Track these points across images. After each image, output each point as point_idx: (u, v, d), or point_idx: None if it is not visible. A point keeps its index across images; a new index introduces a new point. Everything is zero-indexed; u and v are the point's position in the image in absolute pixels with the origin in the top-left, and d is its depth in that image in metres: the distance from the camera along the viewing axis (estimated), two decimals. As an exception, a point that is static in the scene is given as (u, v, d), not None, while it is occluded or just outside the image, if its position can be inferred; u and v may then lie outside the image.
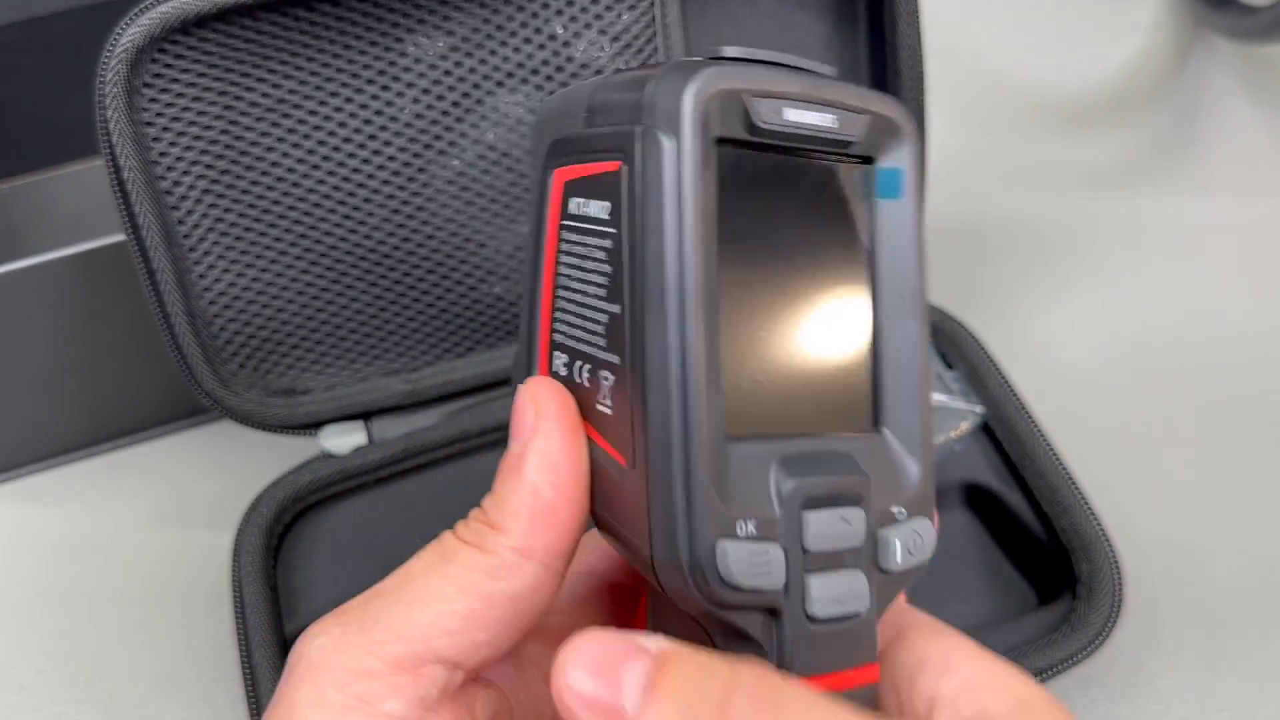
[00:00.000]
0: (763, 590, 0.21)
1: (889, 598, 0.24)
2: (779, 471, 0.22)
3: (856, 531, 0.23)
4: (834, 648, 0.22)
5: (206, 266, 0.41)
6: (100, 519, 0.48)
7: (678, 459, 0.21)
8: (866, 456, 0.24)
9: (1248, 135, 0.65)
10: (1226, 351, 0.55)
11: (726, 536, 0.21)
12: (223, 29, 0.38)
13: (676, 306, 0.21)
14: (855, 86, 0.25)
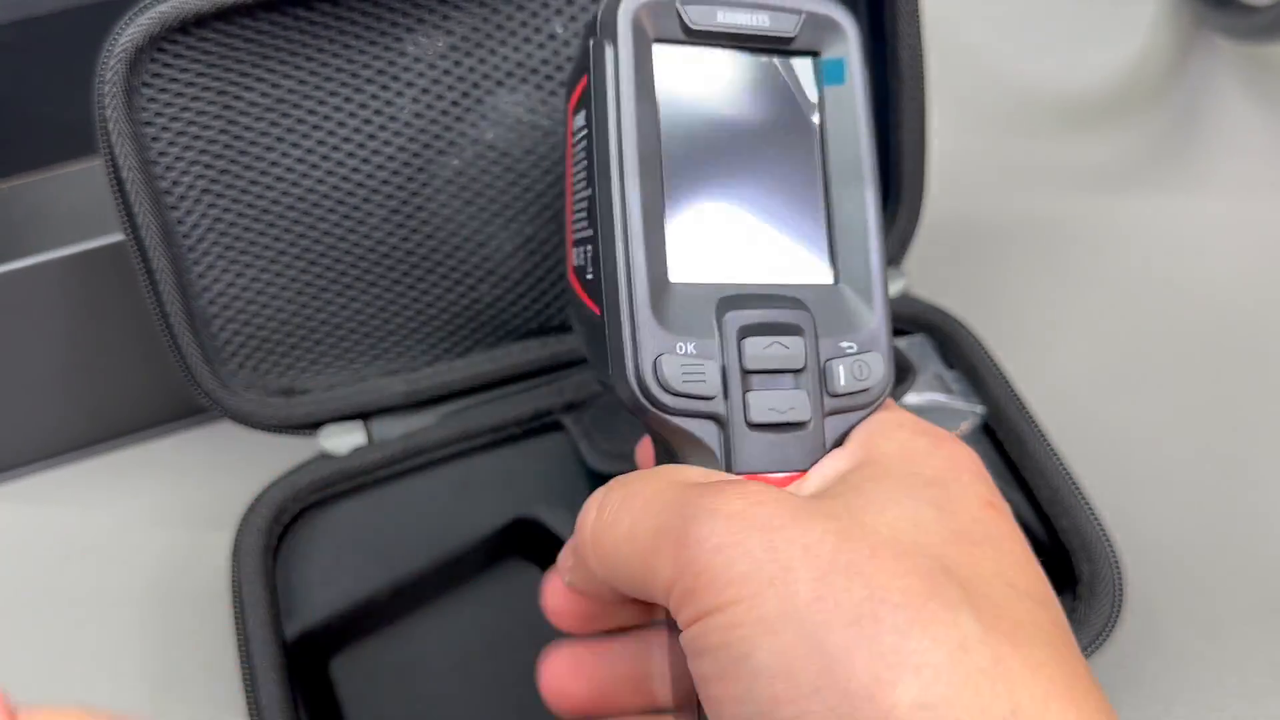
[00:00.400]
0: (699, 396, 0.26)
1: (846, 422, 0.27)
2: (722, 306, 0.27)
3: (794, 355, 0.27)
4: (774, 452, 0.26)
5: (205, 266, 0.41)
6: (99, 519, 0.48)
7: (624, 296, 0.27)
8: (819, 303, 0.28)
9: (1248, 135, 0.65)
10: (1227, 351, 0.55)
11: (666, 353, 0.26)
12: (222, 28, 0.38)
13: (617, 172, 0.27)
14: None
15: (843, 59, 0.29)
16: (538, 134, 0.42)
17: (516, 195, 0.43)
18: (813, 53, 0.30)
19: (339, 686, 0.41)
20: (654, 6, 0.28)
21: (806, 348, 0.27)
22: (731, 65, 0.29)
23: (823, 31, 0.29)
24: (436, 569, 0.42)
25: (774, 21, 0.29)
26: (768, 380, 0.26)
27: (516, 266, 0.44)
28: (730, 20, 0.28)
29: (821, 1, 0.30)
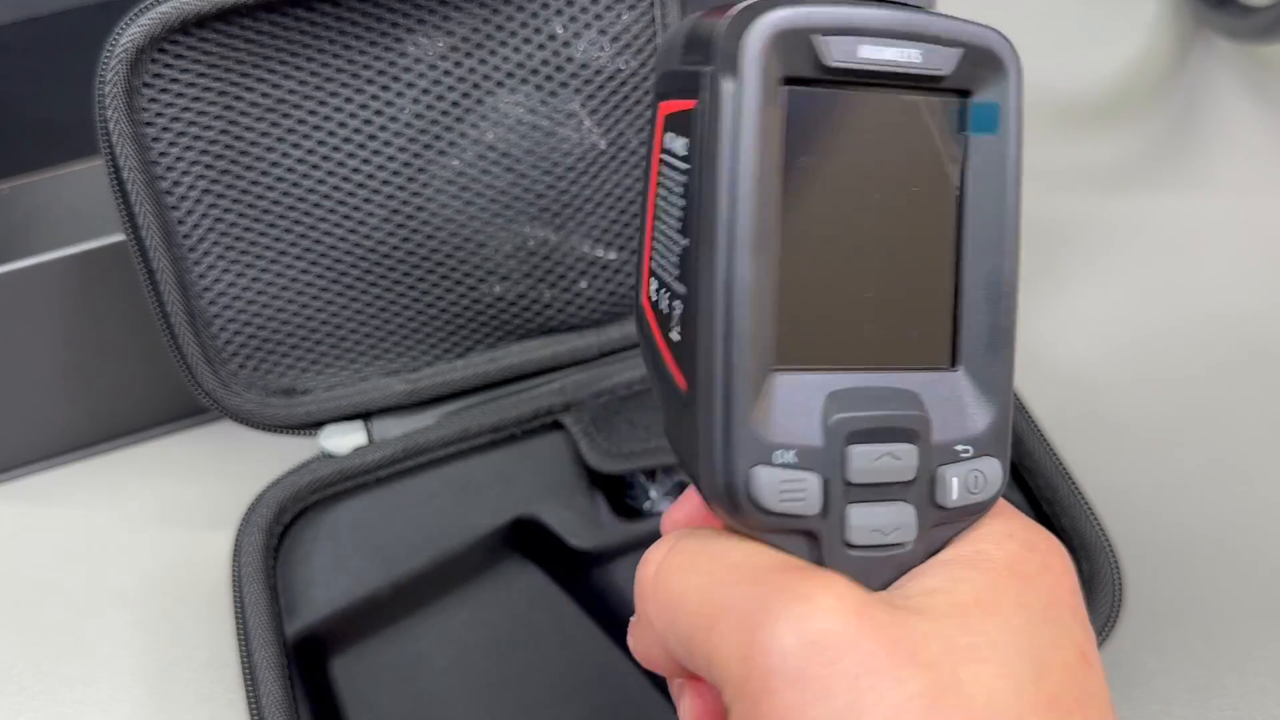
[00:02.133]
0: (796, 515, 0.23)
1: (949, 533, 0.24)
2: (829, 404, 0.23)
3: (905, 466, 0.23)
4: (873, 573, 0.23)
5: (206, 267, 0.41)
6: (100, 519, 0.48)
7: (719, 387, 0.23)
8: (935, 394, 0.24)
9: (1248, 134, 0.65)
10: (1227, 351, 0.55)
11: (762, 463, 0.22)
12: (223, 29, 0.38)
13: (725, 242, 0.22)
14: (949, 18, 0.24)
15: (998, 104, 0.25)
16: (538, 134, 0.42)
17: (517, 196, 0.43)
18: (963, 92, 0.25)
19: (339, 685, 0.41)
20: (786, 37, 0.23)
21: (920, 456, 0.23)
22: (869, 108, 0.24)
23: (979, 68, 0.24)
24: (437, 568, 0.42)
25: (927, 58, 0.24)
26: (871, 493, 0.23)
27: (516, 267, 0.44)
28: (876, 56, 0.23)
29: (984, 31, 0.25)
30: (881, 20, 0.23)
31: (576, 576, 0.43)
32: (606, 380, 0.45)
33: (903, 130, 0.24)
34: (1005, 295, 0.25)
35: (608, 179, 0.44)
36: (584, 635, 0.42)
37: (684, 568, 0.24)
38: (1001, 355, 0.25)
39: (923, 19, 0.24)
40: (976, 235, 0.25)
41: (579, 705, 0.41)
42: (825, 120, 0.24)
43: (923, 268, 0.25)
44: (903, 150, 0.24)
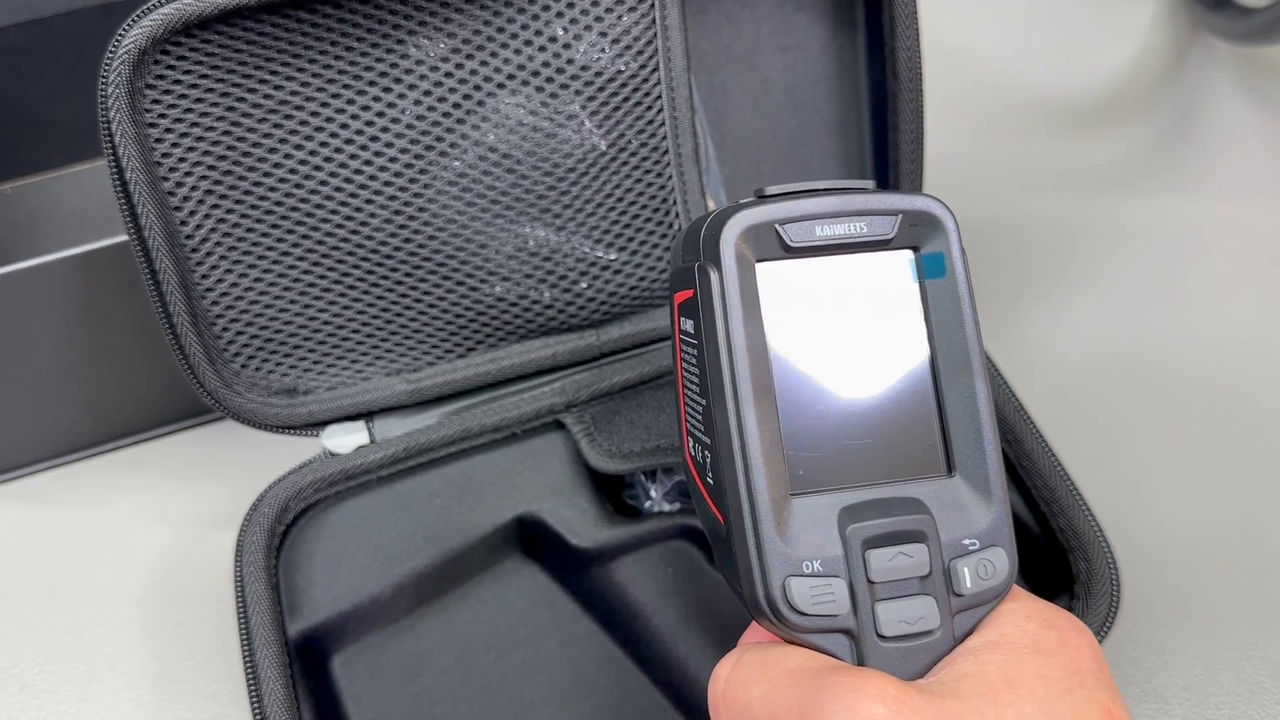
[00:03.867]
0: (829, 615, 0.26)
1: (971, 619, 0.27)
2: (843, 518, 0.27)
3: (919, 563, 0.27)
4: (908, 661, 0.26)
5: (209, 267, 0.41)
6: (103, 518, 0.48)
7: (747, 516, 0.27)
8: (938, 498, 0.28)
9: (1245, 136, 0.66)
10: (1225, 351, 0.55)
11: (794, 574, 0.27)
12: (225, 30, 0.38)
13: (731, 396, 0.27)
14: (890, 193, 0.29)
15: (942, 253, 0.29)
16: (539, 136, 0.42)
17: (518, 197, 0.43)
18: (912, 248, 0.30)
19: (341, 684, 0.41)
20: (755, 230, 0.28)
21: (931, 553, 0.27)
22: (833, 271, 0.29)
23: (920, 228, 0.29)
24: (438, 567, 0.42)
25: (871, 227, 0.29)
26: (894, 588, 0.27)
27: (517, 267, 0.44)
28: (829, 233, 0.29)
29: (917, 198, 0.30)
30: (829, 206, 0.29)
31: (577, 575, 0.43)
32: (606, 380, 0.46)
33: (869, 283, 0.29)
34: (983, 408, 0.29)
35: (608, 180, 0.44)
36: (585, 634, 0.43)
37: (747, 680, 0.27)
38: (990, 458, 0.28)
39: (864, 198, 0.29)
40: (947, 362, 0.29)
41: (579, 704, 0.41)
42: (800, 285, 0.29)
43: (907, 392, 0.29)
44: (872, 300, 0.29)
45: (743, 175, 0.49)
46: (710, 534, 0.31)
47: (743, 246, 0.28)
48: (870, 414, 0.29)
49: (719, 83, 0.48)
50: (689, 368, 0.30)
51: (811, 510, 0.28)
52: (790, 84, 0.49)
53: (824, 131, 0.50)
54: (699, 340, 0.29)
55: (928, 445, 0.29)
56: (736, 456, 0.27)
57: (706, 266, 0.28)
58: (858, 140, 0.49)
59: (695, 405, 0.30)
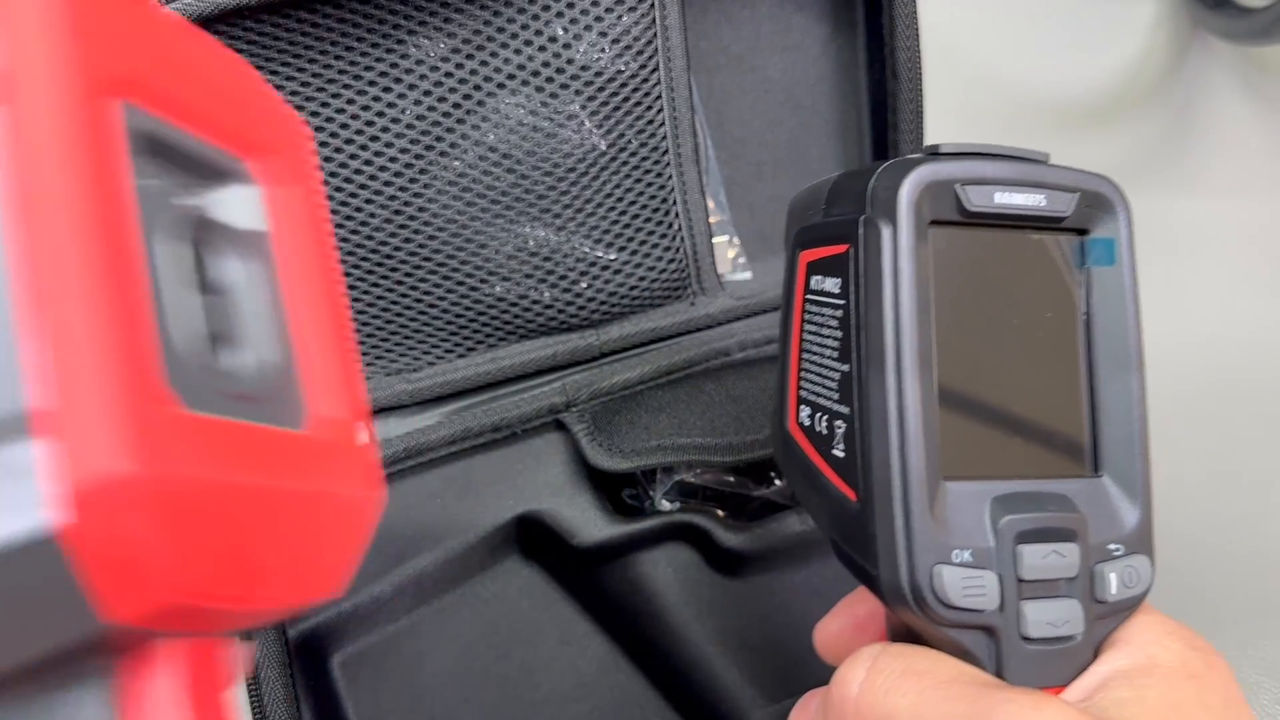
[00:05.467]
0: (977, 610, 0.25)
1: (1108, 627, 0.26)
2: (995, 508, 0.26)
3: (1070, 564, 0.25)
4: (1048, 666, 0.25)
5: (209, 267, 0.41)
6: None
7: (898, 495, 0.25)
8: (1085, 498, 0.27)
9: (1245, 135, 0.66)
10: (1225, 350, 0.55)
11: (943, 562, 0.25)
12: (225, 31, 0.38)
13: (894, 365, 0.25)
14: (1067, 168, 0.28)
15: (1113, 239, 0.28)
16: (539, 136, 0.42)
17: (518, 197, 0.43)
18: (1080, 231, 0.28)
19: (341, 684, 0.41)
20: (934, 188, 0.26)
21: (1080, 554, 0.26)
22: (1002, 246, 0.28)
23: (1093, 209, 0.28)
24: (438, 567, 0.42)
25: (1050, 202, 0.27)
26: (1041, 589, 0.25)
27: (517, 267, 0.44)
28: (1007, 201, 0.27)
29: (1096, 178, 0.28)
30: (1013, 172, 0.27)
31: (577, 575, 0.43)
32: (606, 380, 0.46)
33: (1035, 264, 0.28)
34: (1138, 408, 0.27)
35: (608, 180, 0.44)
36: (585, 634, 0.43)
37: (890, 688, 0.25)
38: (1141, 462, 0.27)
39: (1045, 170, 0.27)
40: (1106, 356, 0.28)
41: (579, 704, 0.41)
42: (967, 255, 0.27)
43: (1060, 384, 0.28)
44: (1036, 281, 0.28)
45: (743, 175, 0.49)
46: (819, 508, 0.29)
47: (921, 203, 0.26)
48: (1023, 402, 0.27)
49: (719, 83, 0.48)
50: (820, 329, 0.29)
51: (963, 496, 0.26)
52: (790, 84, 0.49)
53: (824, 131, 0.50)
54: (846, 300, 0.27)
55: (1075, 441, 0.28)
56: (891, 428, 0.25)
57: (876, 220, 0.26)
58: (857, 140, 0.49)
59: (823, 371, 0.28)
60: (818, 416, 0.29)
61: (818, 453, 0.28)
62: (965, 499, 0.26)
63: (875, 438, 0.26)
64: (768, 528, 0.43)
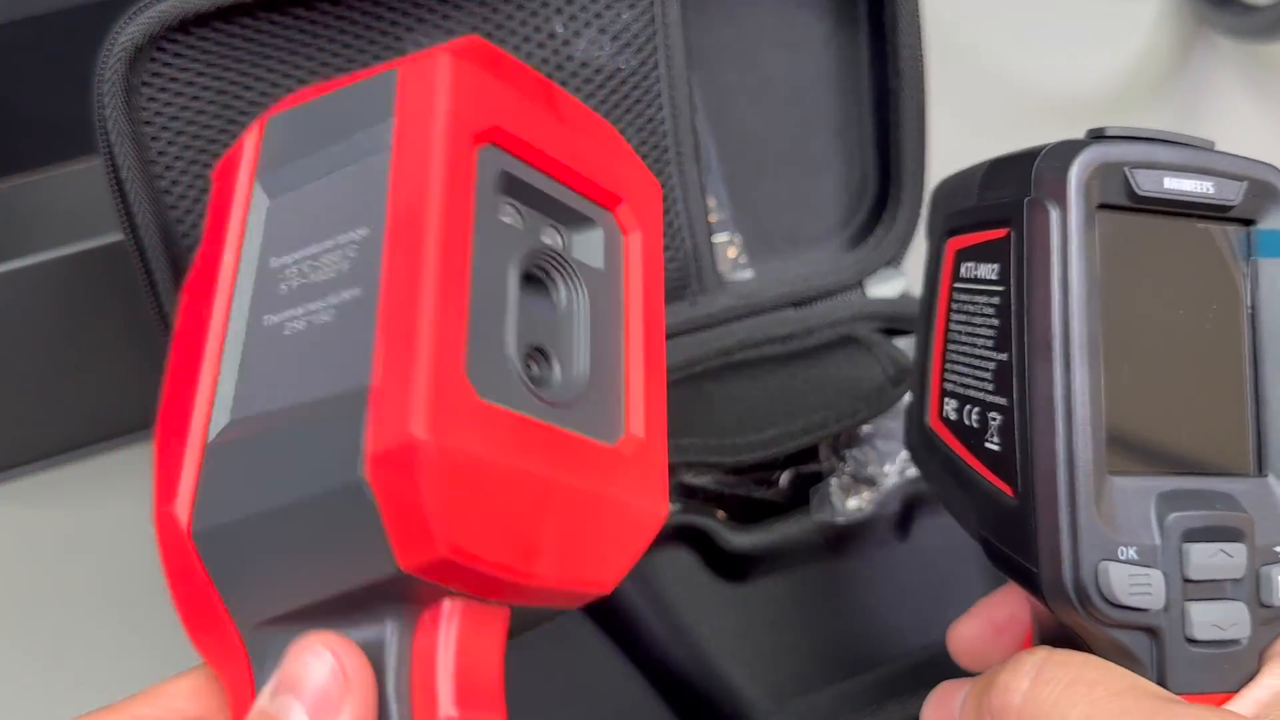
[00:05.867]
0: (1142, 609, 0.24)
1: (1273, 633, 0.25)
2: (1160, 504, 0.25)
3: (1237, 564, 0.25)
4: (1212, 671, 0.24)
5: (205, 266, 0.41)
6: (99, 519, 0.48)
7: (1063, 489, 0.24)
8: (1249, 498, 0.26)
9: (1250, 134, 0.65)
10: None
11: (1108, 559, 0.24)
12: (222, 28, 0.38)
13: (1062, 353, 0.24)
14: (1233, 155, 0.27)
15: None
16: (538, 133, 0.42)
17: (516, 195, 0.43)
18: (1247, 221, 0.27)
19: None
20: (1104, 170, 0.25)
21: (1248, 555, 0.25)
22: (1169, 233, 0.27)
23: (1262, 199, 0.27)
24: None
25: (1219, 189, 0.26)
26: (1208, 590, 0.24)
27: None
28: (1177, 187, 0.26)
29: (1264, 167, 0.28)
30: (1181, 157, 0.26)
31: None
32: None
33: (1200, 254, 0.27)
34: None
35: (608, 178, 0.44)
36: (582, 636, 0.42)
37: (1058, 698, 0.24)
38: None
39: (1214, 156, 0.27)
40: (1271, 352, 0.27)
41: (576, 707, 0.41)
42: (1135, 242, 0.26)
43: (1225, 380, 0.27)
44: (1200, 272, 0.27)
45: (743, 173, 0.49)
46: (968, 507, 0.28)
47: (1091, 186, 0.25)
48: (1188, 396, 0.26)
49: (719, 80, 0.48)
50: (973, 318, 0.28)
51: (1129, 492, 0.25)
52: (792, 81, 0.48)
53: (826, 129, 0.49)
54: (1006, 286, 0.26)
55: (1239, 440, 0.27)
56: (1058, 420, 0.24)
57: (1044, 201, 0.25)
58: (859, 138, 0.49)
59: (975, 361, 0.27)
60: (967, 409, 0.28)
61: (966, 448, 0.28)
62: (1131, 495, 0.25)
63: (1039, 429, 0.25)
64: (769, 529, 0.43)
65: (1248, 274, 0.27)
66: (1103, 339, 0.25)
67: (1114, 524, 0.24)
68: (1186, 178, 0.26)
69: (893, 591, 0.43)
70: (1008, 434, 0.26)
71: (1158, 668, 0.24)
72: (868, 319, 0.48)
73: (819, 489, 0.44)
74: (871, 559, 0.44)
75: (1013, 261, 0.26)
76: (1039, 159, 0.26)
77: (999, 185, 0.28)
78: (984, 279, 0.27)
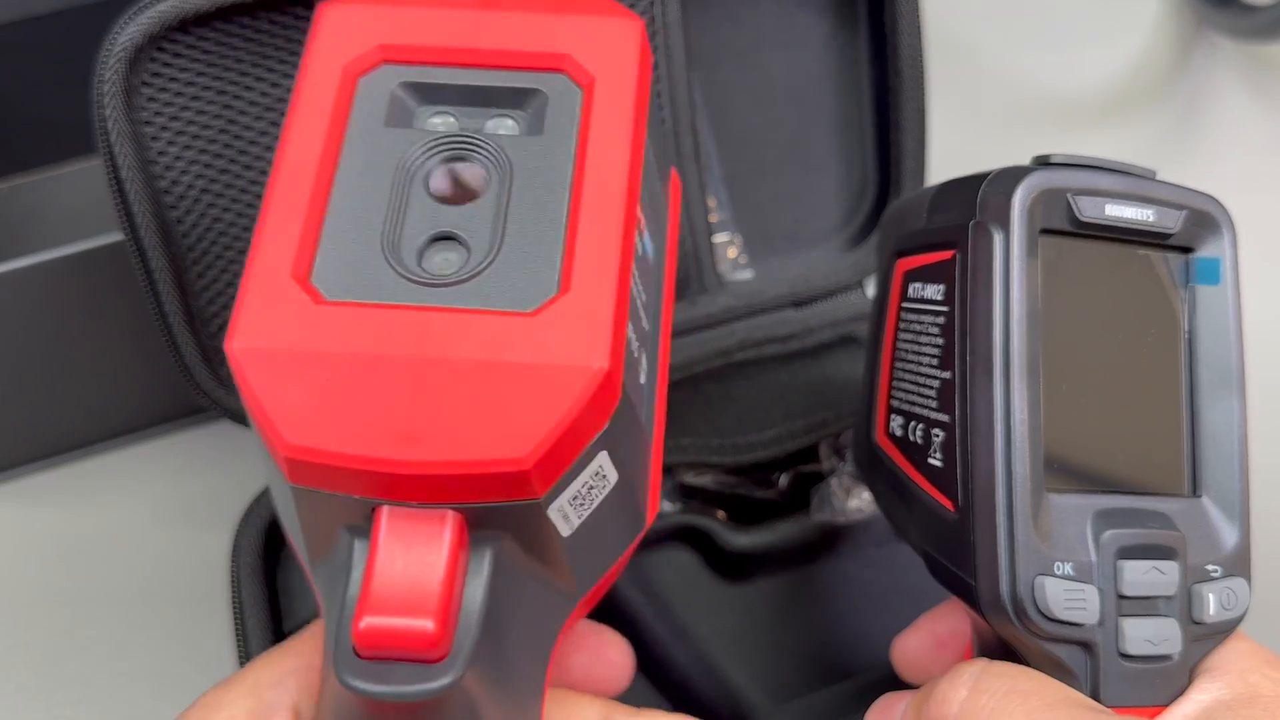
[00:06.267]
0: (1077, 624, 0.25)
1: (1203, 649, 0.26)
2: (1097, 522, 0.26)
3: (1170, 581, 0.25)
4: (1143, 685, 0.25)
5: (204, 266, 0.41)
6: (97, 519, 0.48)
7: (1001, 505, 0.25)
8: (1183, 518, 0.27)
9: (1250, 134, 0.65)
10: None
11: (1045, 574, 0.25)
12: (222, 27, 0.38)
13: (1002, 373, 0.25)
14: (1174, 185, 0.28)
15: (1219, 259, 0.28)
16: (537, 133, 0.42)
17: (516, 195, 0.43)
18: (1185, 249, 0.28)
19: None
20: (1048, 195, 0.27)
21: (1180, 573, 0.26)
22: (1111, 259, 0.28)
23: (1200, 229, 0.28)
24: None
25: (1159, 217, 0.27)
26: (1141, 606, 0.25)
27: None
28: (1119, 214, 0.27)
29: (1202, 197, 0.28)
30: (1124, 185, 0.27)
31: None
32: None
33: (1140, 280, 0.28)
34: (1239, 430, 0.27)
35: (608, 178, 0.44)
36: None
37: (995, 708, 0.24)
38: (1240, 484, 0.27)
39: (1154, 185, 0.28)
40: (1208, 377, 0.28)
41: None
42: (1076, 267, 0.27)
43: (1162, 402, 0.28)
44: (1140, 297, 0.28)
45: (743, 173, 0.49)
46: (908, 521, 0.28)
47: (1034, 211, 0.26)
48: (1126, 418, 0.27)
49: (719, 80, 0.48)
50: (919, 337, 0.28)
51: (1066, 509, 0.26)
52: (791, 81, 0.48)
53: (826, 129, 0.49)
54: (950, 306, 0.27)
55: (1174, 461, 0.28)
56: (998, 437, 0.25)
57: (988, 225, 0.26)
58: (859, 138, 0.49)
59: (921, 379, 0.28)
60: (912, 426, 0.28)
61: (911, 463, 0.28)
62: (1068, 512, 0.26)
63: (979, 446, 0.25)
64: (770, 530, 0.43)
65: (1186, 300, 0.28)
66: (1043, 360, 0.26)
67: (1050, 540, 0.25)
68: (1128, 205, 0.27)
69: (893, 592, 0.43)
70: (950, 450, 0.26)
71: (1091, 681, 0.25)
72: (868, 319, 0.48)
73: (819, 489, 0.44)
74: (872, 560, 0.44)
75: (957, 282, 0.27)
76: (985, 184, 0.27)
77: (947, 208, 0.28)
78: (930, 299, 0.28)
